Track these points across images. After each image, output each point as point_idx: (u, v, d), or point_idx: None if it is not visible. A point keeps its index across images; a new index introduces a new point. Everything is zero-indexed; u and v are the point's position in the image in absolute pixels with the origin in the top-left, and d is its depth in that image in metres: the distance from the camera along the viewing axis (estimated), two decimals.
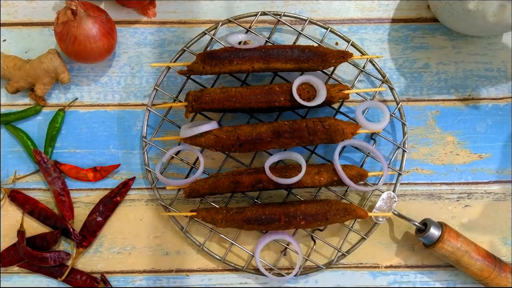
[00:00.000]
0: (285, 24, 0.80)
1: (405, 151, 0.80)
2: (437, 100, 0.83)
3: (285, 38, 0.83)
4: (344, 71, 0.82)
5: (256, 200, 0.79)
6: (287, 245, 0.80)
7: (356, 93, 0.79)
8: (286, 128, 0.73)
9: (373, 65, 0.81)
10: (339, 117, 0.80)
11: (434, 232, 0.77)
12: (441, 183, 0.83)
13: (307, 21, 0.80)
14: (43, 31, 0.83)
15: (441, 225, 0.78)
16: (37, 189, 0.82)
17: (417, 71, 0.83)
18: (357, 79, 0.80)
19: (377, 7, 0.83)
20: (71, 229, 0.80)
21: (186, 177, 0.81)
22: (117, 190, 0.81)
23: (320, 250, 0.82)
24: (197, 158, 0.80)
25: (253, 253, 0.78)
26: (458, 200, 0.83)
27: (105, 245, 0.82)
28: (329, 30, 0.80)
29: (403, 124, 0.81)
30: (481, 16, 0.72)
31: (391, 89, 0.81)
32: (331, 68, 0.80)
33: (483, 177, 0.83)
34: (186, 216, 0.79)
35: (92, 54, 0.77)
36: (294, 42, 0.80)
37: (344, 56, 0.75)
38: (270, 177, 0.73)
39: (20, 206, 0.81)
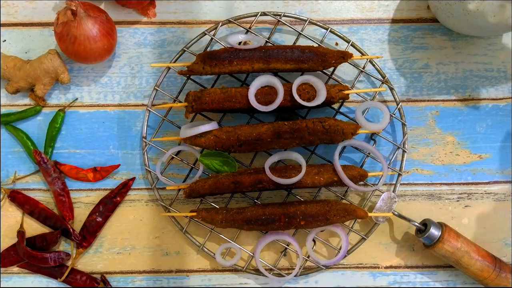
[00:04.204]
0: (285, 24, 0.80)
1: (405, 152, 0.80)
2: (437, 100, 0.83)
3: (285, 38, 0.83)
4: (344, 71, 0.82)
5: (256, 201, 0.79)
6: (287, 245, 0.80)
7: (356, 94, 0.79)
8: (286, 128, 0.73)
9: (373, 65, 0.81)
10: (339, 117, 0.80)
11: (434, 232, 0.77)
12: (441, 184, 0.83)
13: (307, 21, 0.80)
14: (43, 31, 0.83)
15: (441, 226, 0.78)
16: (37, 189, 0.82)
17: (417, 72, 0.83)
18: (357, 80, 0.80)
19: (377, 7, 0.84)
20: (71, 229, 0.80)
21: (186, 178, 0.81)
22: (117, 191, 0.81)
23: (320, 250, 0.82)
24: (197, 159, 0.80)
25: (253, 254, 0.78)
26: (458, 201, 0.83)
27: (105, 246, 0.82)
28: (329, 30, 0.80)
29: (403, 125, 0.81)
30: (481, 17, 0.72)
31: (391, 89, 0.81)
32: (331, 69, 0.80)
33: (483, 178, 0.83)
34: (186, 217, 0.79)
35: (92, 55, 0.77)
36: (294, 43, 0.80)
37: (344, 57, 0.75)
38: (270, 177, 0.73)
39: (20, 206, 0.81)
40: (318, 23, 0.80)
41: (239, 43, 0.77)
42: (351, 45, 0.80)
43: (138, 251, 0.82)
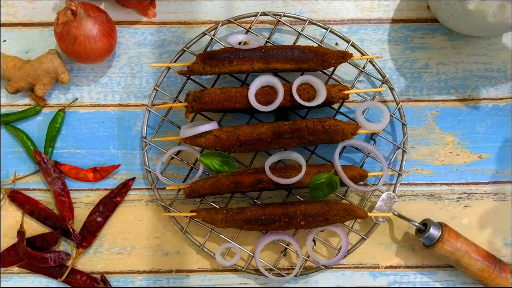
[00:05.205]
0: (285, 24, 0.80)
1: (405, 152, 0.80)
2: (437, 100, 0.83)
3: (285, 38, 0.83)
4: (344, 71, 0.82)
5: (256, 200, 0.79)
6: (287, 245, 0.80)
7: (356, 94, 0.79)
8: (286, 128, 0.73)
9: (373, 65, 0.81)
10: (339, 117, 0.80)
11: (434, 232, 0.77)
12: (441, 184, 0.83)
13: (307, 21, 0.80)
14: (43, 31, 0.83)
15: (441, 226, 0.78)
16: (37, 189, 0.82)
17: (417, 72, 0.83)
18: (357, 80, 0.80)
19: (377, 7, 0.84)
20: (71, 229, 0.80)
21: (186, 178, 0.81)
22: (117, 191, 0.81)
23: (320, 250, 0.82)
24: (197, 159, 0.80)
25: (253, 254, 0.78)
26: (458, 201, 0.83)
27: (105, 246, 0.82)
28: (329, 30, 0.80)
29: (403, 125, 0.81)
30: (481, 17, 0.72)
31: (391, 89, 0.81)
32: (331, 69, 0.80)
33: (483, 178, 0.83)
34: (186, 217, 0.79)
35: (92, 55, 0.77)
36: (294, 43, 0.80)
37: (344, 57, 0.75)
38: (270, 177, 0.73)
39: (20, 206, 0.81)
40: (318, 23, 0.80)
41: (239, 43, 0.77)
42: (351, 45, 0.80)
43: (138, 251, 0.82)
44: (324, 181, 0.73)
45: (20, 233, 0.80)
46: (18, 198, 0.81)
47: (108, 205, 0.81)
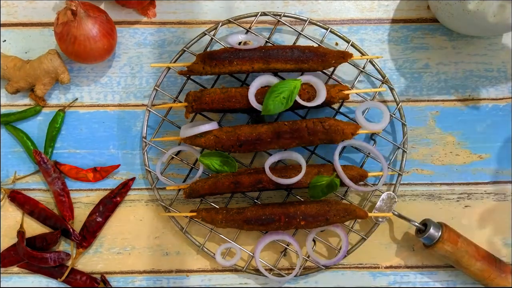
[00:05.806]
0: (285, 24, 0.80)
1: (405, 152, 0.80)
2: (437, 100, 0.83)
3: (285, 38, 0.83)
4: (344, 71, 0.82)
5: (256, 201, 0.79)
6: (287, 245, 0.80)
7: (356, 94, 0.79)
8: (286, 128, 0.73)
9: (373, 65, 0.81)
10: (339, 117, 0.80)
11: (434, 232, 0.77)
12: (441, 184, 0.83)
13: (307, 21, 0.80)
14: (43, 31, 0.83)
15: (441, 226, 0.78)
16: (37, 189, 0.82)
17: (417, 72, 0.83)
18: (357, 80, 0.80)
19: (377, 7, 0.84)
20: (71, 229, 0.80)
21: (186, 178, 0.81)
22: (117, 191, 0.81)
23: (320, 250, 0.82)
24: (197, 159, 0.80)
25: (253, 254, 0.78)
26: (458, 201, 0.83)
27: (105, 246, 0.82)
28: (329, 30, 0.80)
29: (403, 125, 0.81)
30: (481, 17, 0.72)
31: (391, 89, 0.81)
32: (331, 69, 0.80)
33: (483, 178, 0.83)
34: (186, 217, 0.79)
35: (92, 55, 0.77)
36: (294, 43, 0.80)
37: (344, 57, 0.75)
38: (270, 177, 0.73)
39: (20, 206, 0.81)
40: (318, 23, 0.80)
41: (239, 43, 0.77)
42: (351, 45, 0.80)
43: (138, 251, 0.82)
44: (325, 183, 0.73)
45: (20, 233, 0.80)
46: (18, 198, 0.81)
47: (108, 205, 0.81)
